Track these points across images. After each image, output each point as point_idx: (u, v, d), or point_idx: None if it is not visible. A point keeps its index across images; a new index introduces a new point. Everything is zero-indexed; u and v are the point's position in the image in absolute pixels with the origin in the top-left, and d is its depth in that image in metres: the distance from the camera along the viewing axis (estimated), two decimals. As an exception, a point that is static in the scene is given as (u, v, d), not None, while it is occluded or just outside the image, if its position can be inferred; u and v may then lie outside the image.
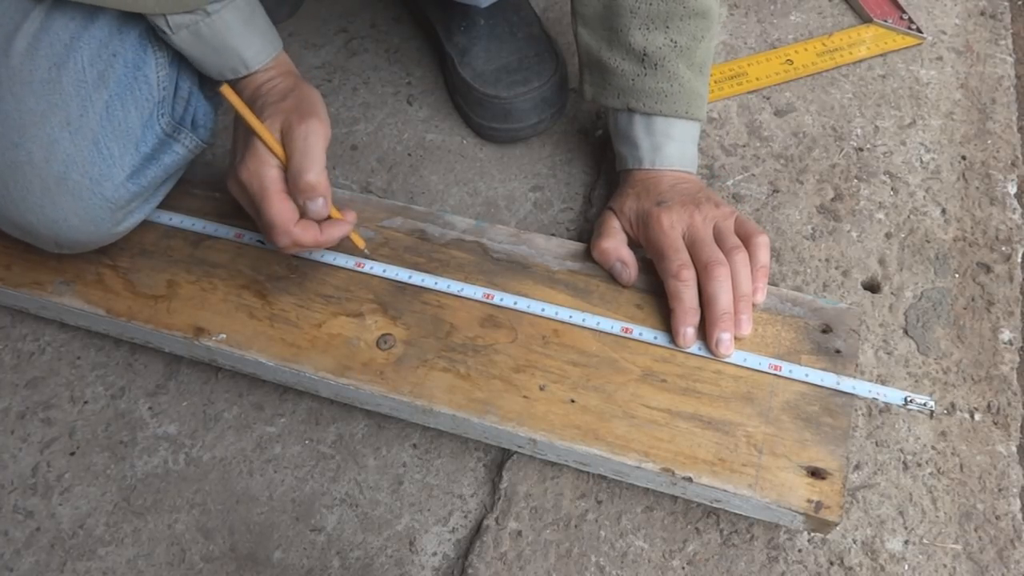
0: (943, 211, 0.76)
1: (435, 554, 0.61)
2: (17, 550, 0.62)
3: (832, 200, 0.77)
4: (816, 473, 0.55)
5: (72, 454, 0.66)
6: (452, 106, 0.87)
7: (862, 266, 0.73)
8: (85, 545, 0.62)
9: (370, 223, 0.69)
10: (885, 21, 0.90)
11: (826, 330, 0.61)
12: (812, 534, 0.60)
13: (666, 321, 0.61)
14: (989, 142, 0.82)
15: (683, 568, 0.59)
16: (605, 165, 0.81)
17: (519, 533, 0.60)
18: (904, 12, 0.90)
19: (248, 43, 0.60)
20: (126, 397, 0.68)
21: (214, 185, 0.72)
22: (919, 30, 0.89)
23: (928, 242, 0.74)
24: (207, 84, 0.66)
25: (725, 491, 0.54)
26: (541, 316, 0.63)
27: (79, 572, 0.61)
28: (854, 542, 0.60)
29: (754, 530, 0.60)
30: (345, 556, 0.61)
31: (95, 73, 0.58)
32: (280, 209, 0.57)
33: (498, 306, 0.64)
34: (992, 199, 0.77)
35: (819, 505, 0.53)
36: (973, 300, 0.71)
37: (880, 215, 0.76)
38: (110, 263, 0.67)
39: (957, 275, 0.72)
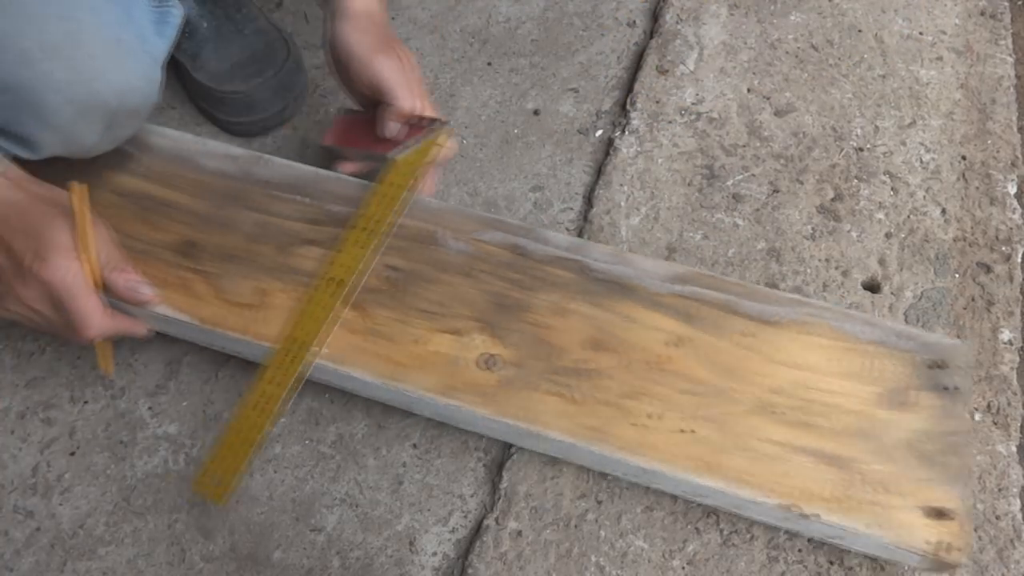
0: (943, 211, 0.76)
1: (435, 554, 0.61)
2: (17, 550, 0.62)
3: (832, 200, 0.77)
4: (938, 513, 0.53)
5: (72, 454, 0.66)
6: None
7: (862, 266, 0.73)
8: (85, 545, 0.62)
9: (462, 234, 0.66)
10: (406, 147, 0.68)
11: (938, 366, 0.59)
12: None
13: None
14: (989, 142, 0.82)
15: (683, 568, 0.59)
16: (605, 165, 0.81)
17: (519, 533, 0.60)
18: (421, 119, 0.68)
19: None
20: (126, 397, 0.68)
21: (297, 188, 0.69)
22: (435, 120, 0.68)
23: (928, 242, 0.74)
24: None
25: (845, 529, 0.53)
26: (649, 341, 0.61)
27: (79, 572, 0.61)
28: (854, 542, 0.60)
29: (754, 530, 0.60)
30: (345, 556, 0.61)
31: None
32: (96, 302, 0.57)
33: (604, 329, 0.61)
34: (992, 199, 0.77)
35: (942, 546, 0.52)
36: (973, 300, 0.71)
37: (880, 215, 0.76)
38: (195, 268, 0.64)
39: (957, 275, 0.72)
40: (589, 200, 0.79)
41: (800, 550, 0.59)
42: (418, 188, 0.67)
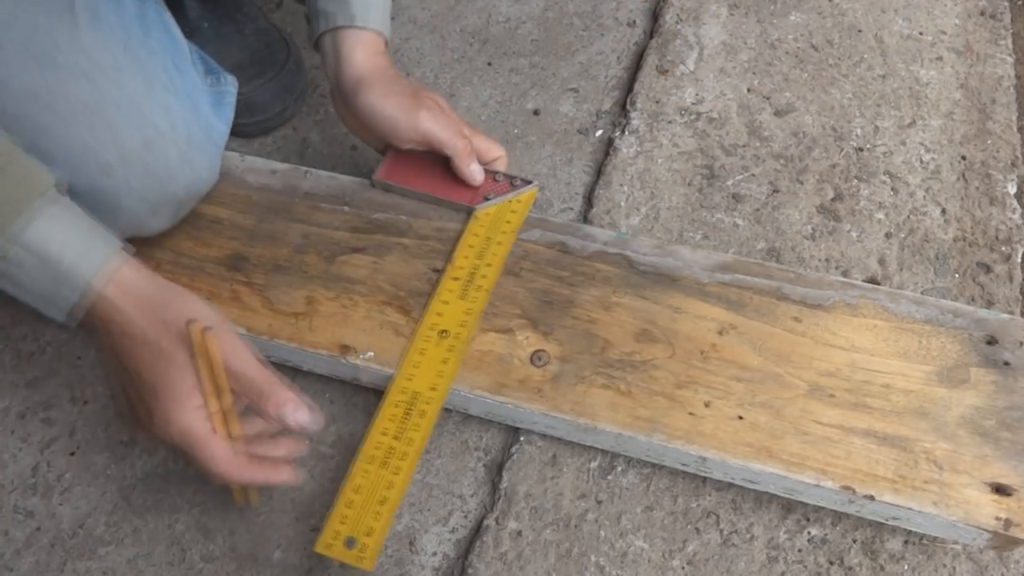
0: (943, 211, 0.76)
1: (435, 554, 0.61)
2: (17, 550, 0.62)
3: (832, 200, 0.77)
4: (1001, 490, 0.53)
5: (72, 454, 0.66)
6: None
7: (862, 266, 0.73)
8: (85, 545, 0.62)
9: None
10: (487, 199, 0.70)
11: (991, 341, 0.60)
12: (981, 550, 0.58)
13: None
14: (989, 142, 0.82)
15: (683, 568, 0.59)
16: (605, 165, 0.81)
17: (519, 533, 0.60)
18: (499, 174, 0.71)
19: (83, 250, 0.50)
20: (126, 397, 0.68)
21: (340, 199, 0.70)
22: (525, 181, 0.71)
23: (928, 242, 0.74)
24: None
25: (908, 509, 0.53)
26: (697, 330, 0.61)
27: (79, 572, 0.61)
28: (854, 542, 0.60)
29: (754, 530, 0.60)
30: (345, 556, 0.61)
31: (152, 40, 0.60)
32: (220, 450, 0.52)
33: (652, 320, 0.62)
34: (992, 199, 0.77)
35: (1008, 523, 0.52)
36: (973, 300, 0.71)
37: (880, 215, 0.76)
38: (244, 280, 0.66)
39: (957, 275, 0.72)
40: (589, 200, 0.79)
41: (800, 550, 0.59)
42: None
